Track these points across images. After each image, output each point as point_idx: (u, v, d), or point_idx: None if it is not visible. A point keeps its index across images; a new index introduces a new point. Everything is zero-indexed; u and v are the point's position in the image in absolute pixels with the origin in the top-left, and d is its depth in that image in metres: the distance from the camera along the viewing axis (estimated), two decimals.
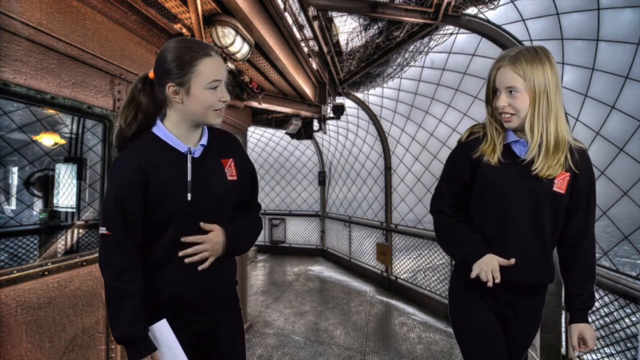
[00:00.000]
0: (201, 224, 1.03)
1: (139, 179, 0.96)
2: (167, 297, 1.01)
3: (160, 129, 1.04)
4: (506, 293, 1.17)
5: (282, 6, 2.64)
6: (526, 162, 1.11)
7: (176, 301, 1.02)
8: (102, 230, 0.96)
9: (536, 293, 1.20)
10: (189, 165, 1.01)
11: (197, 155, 1.05)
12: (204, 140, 1.08)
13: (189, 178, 1.00)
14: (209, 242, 1.03)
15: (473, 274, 1.08)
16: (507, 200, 1.13)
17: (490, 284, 1.04)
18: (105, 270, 0.97)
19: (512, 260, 1.08)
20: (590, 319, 1.19)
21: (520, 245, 1.12)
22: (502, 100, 1.09)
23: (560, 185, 1.10)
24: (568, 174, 1.11)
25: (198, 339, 1.09)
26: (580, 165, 1.12)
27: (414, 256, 4.64)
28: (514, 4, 3.13)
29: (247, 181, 1.18)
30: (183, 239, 1.01)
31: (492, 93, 1.15)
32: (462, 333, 1.25)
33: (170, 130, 1.03)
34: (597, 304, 2.24)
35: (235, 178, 1.11)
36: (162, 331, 0.99)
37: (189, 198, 0.99)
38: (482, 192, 1.18)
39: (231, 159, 1.12)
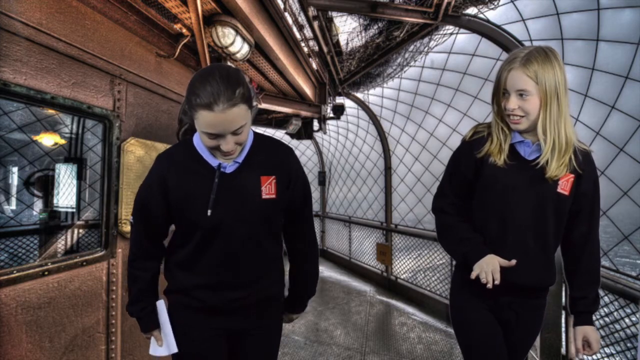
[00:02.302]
0: None
1: (160, 189, 1.01)
2: (192, 298, 1.04)
3: (197, 140, 1.04)
4: (506, 295, 1.16)
5: (282, 6, 2.65)
6: (538, 166, 1.09)
7: (200, 304, 1.04)
8: (130, 219, 1.09)
9: (537, 295, 1.19)
10: (216, 181, 0.99)
11: (229, 170, 1.02)
12: (240, 158, 1.03)
13: (213, 195, 0.97)
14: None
15: (473, 275, 1.07)
16: (510, 200, 1.12)
17: (489, 285, 1.03)
18: (129, 252, 1.12)
19: (513, 262, 1.07)
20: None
21: (522, 246, 1.11)
22: (512, 103, 1.07)
23: (564, 186, 1.09)
24: (572, 175, 1.10)
25: (228, 338, 1.10)
26: (585, 168, 1.11)
27: (414, 256, 4.64)
28: (514, 4, 3.13)
29: (295, 198, 1.12)
30: None
31: (501, 94, 1.14)
32: (461, 334, 1.24)
33: None
34: None
35: (273, 196, 1.04)
36: (160, 310, 1.12)
37: (209, 214, 0.97)
38: (485, 192, 1.18)
39: (273, 176, 1.05)
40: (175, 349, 1.07)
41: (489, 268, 1.05)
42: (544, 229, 1.11)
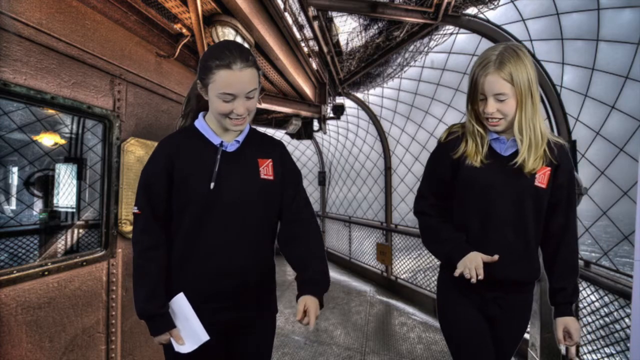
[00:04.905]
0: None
1: (166, 167, 1.04)
2: (188, 286, 1.04)
3: (200, 122, 1.11)
4: (491, 290, 1.17)
5: (282, 6, 2.64)
6: (516, 165, 1.11)
7: (195, 291, 1.04)
8: (134, 209, 1.06)
9: (522, 290, 1.20)
10: (218, 157, 1.05)
11: (230, 149, 1.09)
12: (241, 137, 1.11)
13: (216, 169, 1.03)
14: (314, 314, 0.97)
15: (457, 272, 1.08)
16: (490, 198, 1.14)
17: (473, 280, 1.04)
18: (134, 246, 1.05)
19: (496, 257, 1.08)
20: (589, 318, 1.19)
21: (504, 241, 1.13)
22: (491, 107, 1.08)
23: (541, 180, 1.12)
24: (548, 168, 1.12)
25: (224, 332, 1.09)
26: (560, 160, 1.13)
27: (414, 256, 4.64)
28: (514, 4, 3.13)
29: (289, 184, 1.17)
30: None
31: (478, 99, 1.13)
32: (448, 331, 1.26)
33: (209, 124, 1.10)
34: (597, 304, 2.24)
35: (270, 177, 1.10)
36: (180, 304, 1.04)
37: (211, 187, 1.01)
38: (464, 191, 1.19)
39: (270, 160, 1.12)
40: (206, 337, 1.01)
41: (472, 264, 1.06)
42: (524, 223, 1.13)
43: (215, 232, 1.02)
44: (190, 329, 1.03)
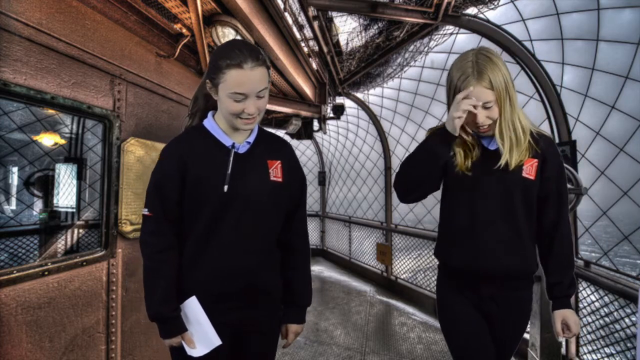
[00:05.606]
0: None
1: (179, 168, 1.02)
2: (199, 287, 1.04)
3: (209, 122, 1.10)
4: (488, 287, 1.18)
5: (282, 6, 2.64)
6: (501, 166, 1.12)
7: (207, 292, 1.04)
8: (144, 211, 1.04)
9: (518, 287, 1.20)
10: (231, 158, 1.04)
11: (241, 151, 1.08)
12: (251, 138, 1.11)
13: (229, 171, 1.03)
14: (294, 338, 1.22)
15: (456, 114, 1.05)
16: (479, 192, 1.15)
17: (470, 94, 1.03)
18: (143, 248, 1.04)
19: (471, 88, 1.04)
20: (589, 318, 1.19)
21: (494, 234, 1.14)
22: (482, 117, 1.08)
23: (529, 171, 1.13)
24: (535, 160, 1.13)
25: (231, 332, 1.09)
26: (547, 152, 1.14)
27: (414, 256, 4.64)
28: (514, 4, 3.13)
29: (295, 188, 1.17)
30: None
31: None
32: (447, 330, 1.26)
33: (219, 124, 1.09)
34: (597, 304, 2.25)
35: (280, 180, 1.11)
36: (192, 308, 1.03)
37: (225, 190, 1.01)
38: (453, 187, 1.21)
39: (279, 161, 1.13)
40: (218, 341, 1.02)
41: (459, 102, 1.04)
42: (514, 215, 1.13)
43: (227, 233, 1.03)
44: (202, 333, 1.03)
